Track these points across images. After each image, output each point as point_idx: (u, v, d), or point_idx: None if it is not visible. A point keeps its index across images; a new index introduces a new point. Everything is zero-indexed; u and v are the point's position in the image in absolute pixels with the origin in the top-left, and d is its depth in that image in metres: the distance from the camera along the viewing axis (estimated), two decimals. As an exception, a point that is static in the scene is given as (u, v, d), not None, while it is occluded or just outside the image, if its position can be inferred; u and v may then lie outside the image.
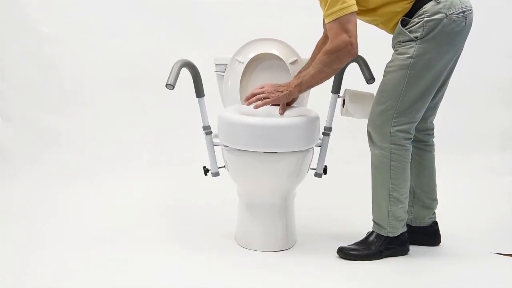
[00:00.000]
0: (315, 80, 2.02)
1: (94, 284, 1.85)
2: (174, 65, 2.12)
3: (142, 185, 2.96)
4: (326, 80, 2.03)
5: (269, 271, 1.99)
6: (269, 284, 1.88)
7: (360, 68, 2.20)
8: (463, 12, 1.96)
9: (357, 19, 2.01)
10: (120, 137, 3.16)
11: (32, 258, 2.08)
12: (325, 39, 2.24)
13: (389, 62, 2.04)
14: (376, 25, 2.09)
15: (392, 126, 2.01)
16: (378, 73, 2.19)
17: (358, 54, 2.18)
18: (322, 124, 2.22)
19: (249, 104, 2.10)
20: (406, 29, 1.97)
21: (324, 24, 2.24)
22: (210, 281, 1.89)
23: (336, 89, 2.23)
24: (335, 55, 1.95)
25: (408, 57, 1.96)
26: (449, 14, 1.93)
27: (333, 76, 2.21)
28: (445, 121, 3.12)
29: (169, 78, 2.07)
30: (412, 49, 1.96)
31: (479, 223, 2.55)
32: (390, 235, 2.08)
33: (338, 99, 2.25)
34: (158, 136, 3.19)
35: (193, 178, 2.82)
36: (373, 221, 2.13)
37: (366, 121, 2.26)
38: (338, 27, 1.92)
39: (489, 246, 2.24)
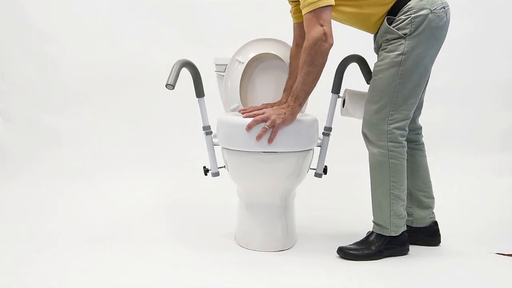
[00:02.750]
0: (307, 85, 2.01)
1: (94, 284, 1.85)
2: (174, 65, 2.12)
3: (142, 185, 2.96)
4: (317, 81, 2.01)
5: (269, 271, 1.99)
6: (269, 284, 1.88)
7: (360, 68, 2.20)
8: (443, 7, 2.00)
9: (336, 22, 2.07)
10: (120, 137, 3.16)
11: (32, 258, 2.08)
12: (296, 48, 2.27)
13: (378, 61, 2.06)
14: (355, 24, 2.10)
15: (389, 124, 2.03)
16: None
17: (358, 54, 2.20)
18: (322, 124, 2.22)
19: (249, 129, 2.02)
20: (393, 27, 1.99)
21: (294, 30, 2.29)
22: (210, 281, 1.88)
23: (336, 89, 2.23)
24: (314, 50, 1.95)
25: (399, 54, 1.98)
26: (433, 10, 1.97)
27: (333, 76, 2.22)
28: (446, 122, 3.14)
29: (169, 78, 2.07)
30: (402, 46, 1.98)
31: (479, 223, 2.55)
32: (393, 234, 2.09)
33: (338, 99, 2.25)
34: (158, 136, 3.19)
35: (193, 178, 2.82)
36: (374, 222, 2.13)
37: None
38: (313, 17, 1.94)
39: (489, 246, 2.24)
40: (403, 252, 2.13)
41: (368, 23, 2.07)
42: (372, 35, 2.17)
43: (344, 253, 2.09)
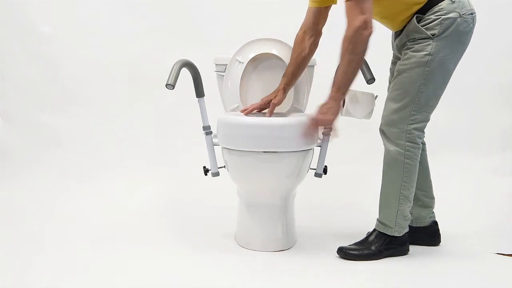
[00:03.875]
0: (350, 73, 1.96)
1: (94, 284, 1.85)
2: (174, 65, 2.12)
3: (142, 185, 2.96)
4: (358, 69, 1.97)
5: (269, 271, 1.99)
6: (269, 284, 1.88)
7: (360, 68, 2.19)
8: (471, 13, 2.00)
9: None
10: (120, 137, 3.17)
11: (32, 258, 2.08)
12: (303, 34, 2.21)
13: (403, 60, 2.04)
14: (382, 19, 2.09)
15: (409, 124, 2.03)
16: (378, 73, 2.19)
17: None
18: (322, 124, 2.22)
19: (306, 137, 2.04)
20: (422, 26, 1.98)
21: (308, 15, 2.20)
22: (209, 281, 1.88)
23: (336, 89, 2.22)
24: (355, 38, 1.91)
25: (426, 54, 1.98)
26: (462, 14, 1.97)
27: (333, 76, 2.21)
28: (446, 122, 3.14)
29: (169, 78, 2.07)
30: (429, 47, 1.97)
31: (479, 223, 2.55)
32: (397, 234, 2.09)
33: (338, 99, 2.24)
34: (158, 136, 3.19)
35: (193, 178, 2.82)
36: (379, 220, 2.12)
37: (366, 121, 2.26)
38: (356, 6, 1.90)
39: (489, 246, 2.24)
40: (403, 252, 2.13)
41: (397, 19, 2.04)
42: (391, 33, 2.16)
43: (344, 253, 2.09)
